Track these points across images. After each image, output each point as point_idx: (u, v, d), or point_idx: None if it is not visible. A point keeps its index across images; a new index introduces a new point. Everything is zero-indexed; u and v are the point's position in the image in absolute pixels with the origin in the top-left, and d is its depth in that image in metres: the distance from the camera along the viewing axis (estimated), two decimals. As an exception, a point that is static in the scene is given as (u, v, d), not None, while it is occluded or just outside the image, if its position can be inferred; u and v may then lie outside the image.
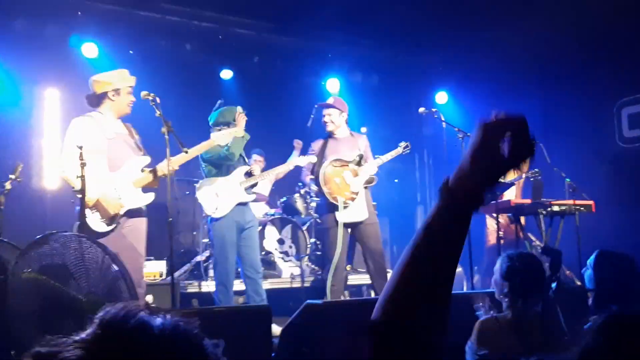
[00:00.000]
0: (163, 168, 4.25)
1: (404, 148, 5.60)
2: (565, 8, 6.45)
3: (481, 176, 0.95)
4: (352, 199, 5.26)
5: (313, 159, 5.42)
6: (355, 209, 5.29)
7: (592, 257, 3.14)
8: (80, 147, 3.91)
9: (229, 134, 4.71)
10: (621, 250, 3.33)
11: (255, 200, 6.94)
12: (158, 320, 0.84)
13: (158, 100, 4.20)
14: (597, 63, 7.06)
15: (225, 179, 5.05)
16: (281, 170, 5.71)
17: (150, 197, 4.31)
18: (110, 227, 4.13)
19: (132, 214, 4.25)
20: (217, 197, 5.03)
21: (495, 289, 2.86)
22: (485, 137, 0.95)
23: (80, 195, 3.93)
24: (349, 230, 5.34)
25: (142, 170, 4.31)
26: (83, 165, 3.89)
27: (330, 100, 5.62)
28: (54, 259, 3.30)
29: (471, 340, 2.72)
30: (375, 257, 5.30)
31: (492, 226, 6.25)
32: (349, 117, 5.61)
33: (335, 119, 5.46)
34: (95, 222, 4.09)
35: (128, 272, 3.46)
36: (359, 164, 5.38)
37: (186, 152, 4.27)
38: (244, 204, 5.12)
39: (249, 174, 5.21)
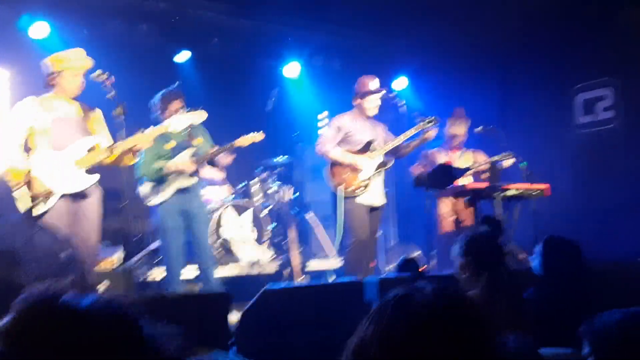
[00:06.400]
0: (121, 145, 4.14)
1: (428, 122, 5.31)
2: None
3: None
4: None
5: None
6: None
7: (540, 244, 3.19)
8: (29, 131, 3.82)
9: (186, 119, 4.59)
10: (575, 234, 3.39)
11: (211, 184, 6.85)
12: (86, 300, 0.80)
13: (113, 80, 4.09)
14: (553, 49, 7.18)
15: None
16: None
17: (94, 177, 4.18)
18: (45, 209, 3.97)
19: (79, 195, 4.12)
20: (156, 183, 4.93)
21: (457, 269, 2.88)
22: None
23: (26, 180, 3.81)
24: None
25: (89, 150, 4.17)
26: (31, 149, 3.78)
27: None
28: (1, 244, 3.18)
29: None
30: None
31: (446, 213, 6.33)
32: (310, 101, 5.56)
33: None
34: (26, 203, 3.94)
35: (81, 256, 3.36)
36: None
37: (142, 132, 4.18)
38: (187, 189, 5.00)
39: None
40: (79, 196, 4.12)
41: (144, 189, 4.99)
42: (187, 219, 5.00)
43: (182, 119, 4.51)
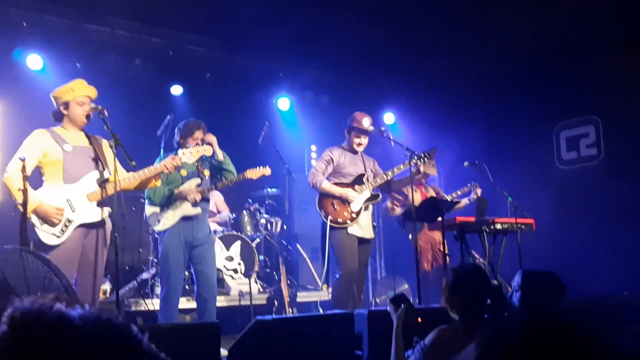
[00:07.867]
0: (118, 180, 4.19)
1: (419, 159, 5.33)
2: (508, 37, 6.73)
3: None
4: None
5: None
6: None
7: (517, 278, 3.21)
8: (23, 160, 3.83)
9: (197, 152, 4.63)
10: (558, 268, 3.45)
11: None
12: (77, 311, 0.80)
13: (106, 113, 4.16)
14: (537, 89, 7.40)
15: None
16: None
17: (105, 211, 4.22)
18: (61, 240, 4.02)
19: (90, 227, 4.16)
20: (161, 209, 4.97)
21: (447, 304, 2.91)
22: None
23: (21, 208, 3.83)
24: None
25: (100, 183, 4.23)
26: (25, 178, 3.81)
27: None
28: (-5, 275, 3.19)
29: (424, 341, 2.75)
30: None
31: (426, 250, 6.46)
32: (299, 136, 5.64)
33: None
34: (44, 234, 3.99)
35: (72, 286, 3.38)
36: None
37: (134, 165, 4.22)
38: (191, 218, 5.01)
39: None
40: (92, 227, 4.18)
41: (149, 212, 5.03)
42: (191, 249, 4.97)
43: (194, 151, 4.57)
